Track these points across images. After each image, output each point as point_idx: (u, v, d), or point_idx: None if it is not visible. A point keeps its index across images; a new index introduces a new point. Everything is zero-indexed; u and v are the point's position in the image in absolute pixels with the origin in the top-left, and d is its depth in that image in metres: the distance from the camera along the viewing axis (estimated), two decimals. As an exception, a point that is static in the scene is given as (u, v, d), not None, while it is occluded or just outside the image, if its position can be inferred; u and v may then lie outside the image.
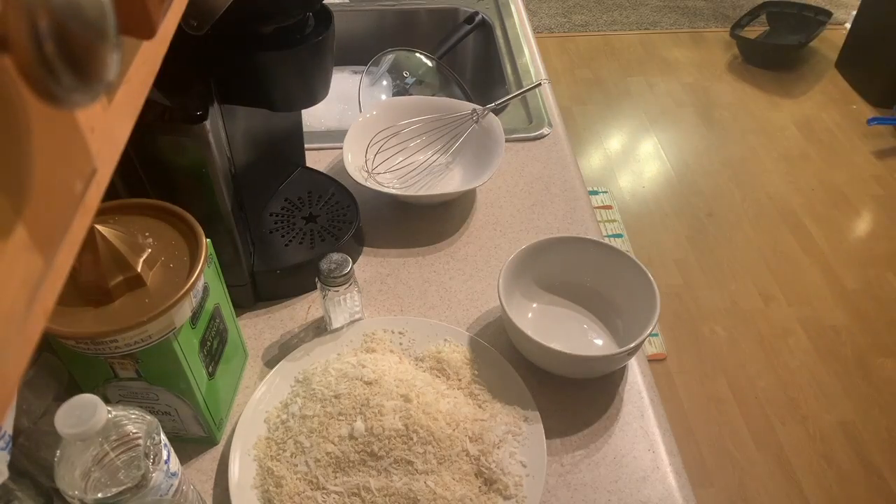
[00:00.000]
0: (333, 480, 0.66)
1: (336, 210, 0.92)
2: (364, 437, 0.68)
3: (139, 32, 0.30)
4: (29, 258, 0.24)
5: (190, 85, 0.69)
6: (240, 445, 0.71)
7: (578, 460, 0.72)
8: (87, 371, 0.63)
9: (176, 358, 0.62)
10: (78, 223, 0.28)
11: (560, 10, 3.43)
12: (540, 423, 0.72)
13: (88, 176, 0.28)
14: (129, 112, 0.33)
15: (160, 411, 0.67)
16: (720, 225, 2.34)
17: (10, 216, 0.23)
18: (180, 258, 0.63)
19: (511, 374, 0.76)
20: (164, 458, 0.54)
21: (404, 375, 0.74)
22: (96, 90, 0.21)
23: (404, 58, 1.25)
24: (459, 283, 0.89)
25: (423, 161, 1.00)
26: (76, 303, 0.58)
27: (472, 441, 0.69)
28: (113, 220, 0.64)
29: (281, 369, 0.77)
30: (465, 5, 1.38)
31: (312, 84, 0.78)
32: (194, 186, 0.73)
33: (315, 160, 1.03)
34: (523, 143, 1.09)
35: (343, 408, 0.70)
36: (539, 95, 1.17)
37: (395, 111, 1.03)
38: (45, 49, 0.19)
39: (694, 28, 3.33)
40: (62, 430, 0.48)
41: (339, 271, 0.74)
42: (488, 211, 0.99)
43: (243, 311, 0.85)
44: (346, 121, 1.17)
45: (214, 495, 0.69)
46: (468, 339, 0.80)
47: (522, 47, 1.29)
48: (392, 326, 0.82)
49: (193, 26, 0.61)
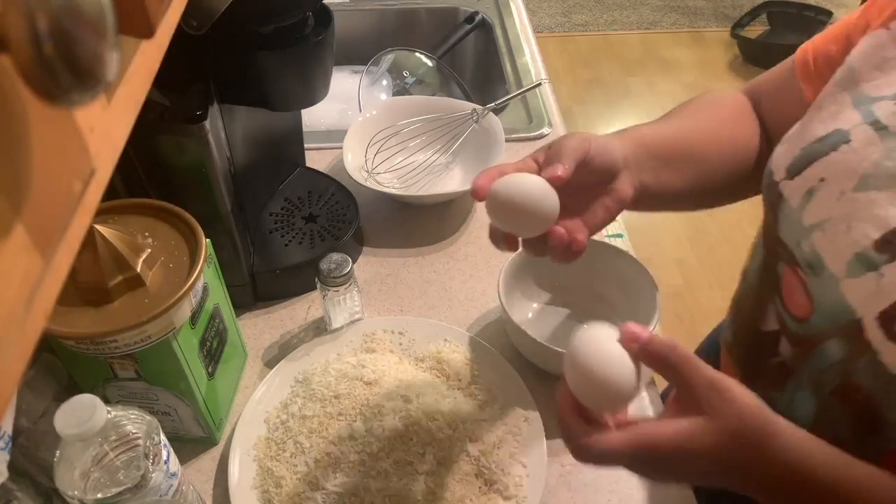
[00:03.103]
0: (333, 481, 0.66)
1: (336, 210, 0.92)
2: (364, 438, 0.68)
3: (138, 32, 0.30)
4: (28, 258, 0.24)
5: (190, 85, 0.69)
6: (239, 445, 0.71)
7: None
8: (86, 371, 0.63)
9: (175, 358, 0.62)
10: (77, 223, 0.28)
11: (560, 9, 3.43)
12: (540, 424, 0.72)
13: (88, 176, 0.28)
14: (128, 112, 0.33)
15: (160, 411, 0.67)
16: (720, 225, 2.34)
17: (8, 216, 0.23)
18: (180, 258, 0.63)
19: (511, 374, 0.76)
20: (163, 458, 0.54)
21: (404, 376, 0.74)
22: (95, 90, 0.21)
23: (404, 57, 1.25)
24: (459, 283, 0.89)
25: (423, 161, 1.00)
26: (76, 303, 0.58)
27: (472, 441, 0.69)
28: (113, 220, 0.64)
29: (281, 369, 0.77)
30: (465, 5, 1.38)
31: (312, 84, 0.78)
32: (194, 186, 0.73)
33: (315, 160, 1.03)
34: (523, 142, 1.09)
35: (343, 408, 0.70)
36: (539, 95, 1.16)
37: (395, 111, 1.03)
38: (45, 48, 0.19)
39: (694, 28, 3.33)
40: (62, 431, 0.48)
41: (339, 271, 0.74)
42: (488, 211, 0.99)
43: (243, 311, 0.85)
44: (345, 121, 1.17)
45: (214, 495, 0.69)
46: (468, 339, 0.80)
47: (522, 47, 1.29)
48: (392, 326, 0.82)
49: (193, 26, 0.61)
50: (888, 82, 0.50)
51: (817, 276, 0.51)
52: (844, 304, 0.48)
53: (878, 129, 0.49)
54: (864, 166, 0.48)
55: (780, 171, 0.55)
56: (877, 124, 0.49)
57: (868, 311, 0.47)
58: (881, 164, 0.47)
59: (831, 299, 0.50)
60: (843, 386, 0.50)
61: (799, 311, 0.54)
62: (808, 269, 0.52)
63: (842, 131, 0.51)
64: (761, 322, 0.59)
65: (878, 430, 0.48)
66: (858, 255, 0.48)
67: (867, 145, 0.49)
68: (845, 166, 0.50)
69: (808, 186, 0.52)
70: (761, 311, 0.59)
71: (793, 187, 0.54)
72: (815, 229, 0.51)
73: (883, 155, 0.47)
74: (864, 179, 0.48)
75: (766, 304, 0.58)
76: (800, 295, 0.53)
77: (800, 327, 0.54)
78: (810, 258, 0.51)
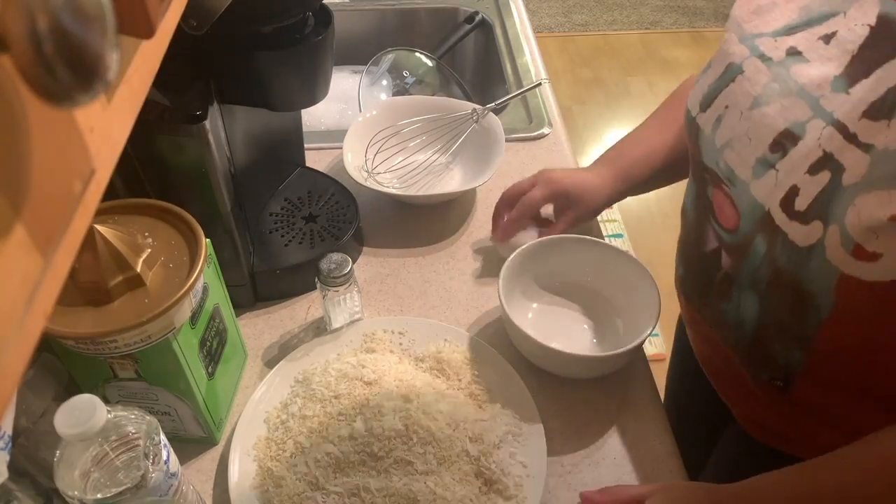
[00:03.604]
0: (333, 481, 0.66)
1: (336, 210, 0.92)
2: (364, 438, 0.68)
3: (138, 32, 0.29)
4: (28, 258, 0.24)
5: (190, 85, 0.69)
6: (239, 446, 0.71)
7: (579, 461, 0.72)
8: (86, 371, 0.63)
9: (175, 358, 0.62)
10: (77, 223, 0.28)
11: (560, 9, 3.42)
12: (540, 424, 0.72)
13: (87, 176, 0.28)
14: (128, 112, 0.33)
15: (160, 411, 0.67)
16: (720, 225, 2.34)
17: (8, 216, 0.23)
18: (180, 258, 0.63)
19: (511, 374, 0.76)
20: (163, 458, 0.54)
21: (404, 376, 0.74)
22: (95, 90, 0.21)
23: (404, 57, 1.25)
24: (459, 283, 0.89)
25: (423, 161, 1.00)
26: (76, 303, 0.58)
27: (473, 441, 0.69)
28: (113, 220, 0.64)
29: (281, 369, 0.77)
30: (465, 5, 1.38)
31: (312, 84, 0.78)
32: (194, 186, 0.73)
33: (315, 160, 1.02)
34: (523, 142, 1.09)
35: (343, 408, 0.70)
36: (539, 95, 1.16)
37: (395, 111, 1.03)
38: (45, 48, 0.19)
39: (694, 28, 3.33)
40: (62, 431, 0.48)
41: (339, 271, 0.74)
42: (488, 211, 0.98)
43: (243, 311, 0.85)
44: (345, 121, 1.17)
45: (214, 495, 0.69)
46: (468, 339, 0.80)
47: (522, 47, 1.29)
48: (392, 326, 0.82)
49: (193, 26, 0.61)
50: (764, 22, 0.61)
51: (734, 186, 0.62)
52: (755, 202, 0.59)
53: (764, 61, 0.60)
54: (756, 90, 0.59)
55: (695, 108, 0.67)
56: (763, 56, 0.60)
57: (772, 202, 0.57)
58: (769, 86, 0.58)
59: (748, 202, 0.60)
60: (773, 276, 0.60)
61: (729, 223, 0.64)
62: (728, 182, 0.62)
63: (735, 64, 0.62)
64: (703, 245, 0.70)
65: (807, 305, 0.58)
66: (759, 159, 0.59)
67: (757, 73, 0.60)
68: (742, 92, 0.61)
69: (716, 115, 0.63)
70: (702, 235, 0.70)
71: (705, 118, 0.65)
72: (726, 147, 0.62)
73: (770, 79, 0.58)
74: (757, 100, 0.59)
75: (704, 227, 0.69)
76: (728, 208, 0.63)
77: (733, 237, 0.64)
78: (726, 172, 0.62)
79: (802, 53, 0.57)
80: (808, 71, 0.56)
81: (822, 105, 0.54)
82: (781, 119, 0.57)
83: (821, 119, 0.54)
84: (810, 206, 0.54)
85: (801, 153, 0.55)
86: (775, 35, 0.60)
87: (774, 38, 0.60)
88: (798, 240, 0.55)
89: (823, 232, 0.53)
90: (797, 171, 0.55)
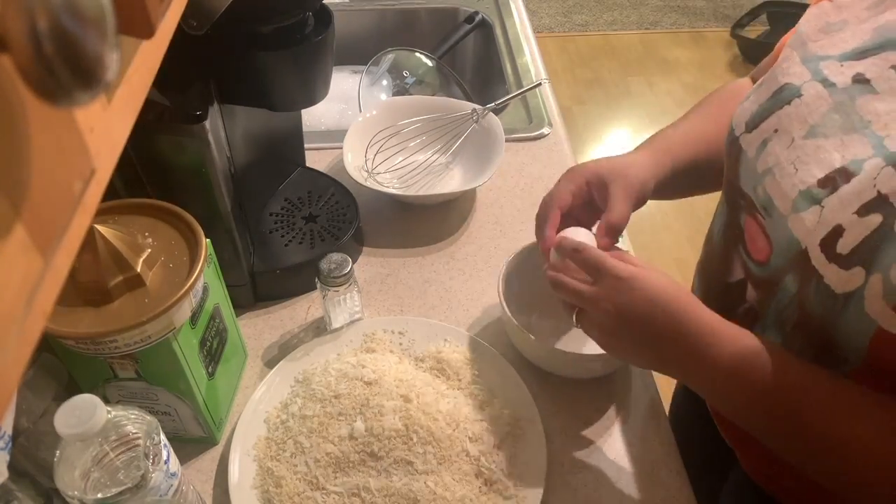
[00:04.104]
0: (333, 480, 0.66)
1: (336, 210, 0.92)
2: (364, 438, 0.68)
3: (138, 32, 0.30)
4: (28, 258, 0.24)
5: (190, 85, 0.69)
6: (239, 445, 0.71)
7: (579, 460, 0.72)
8: (86, 371, 0.63)
9: (175, 358, 0.62)
10: (77, 223, 0.28)
11: (560, 9, 3.43)
12: (540, 423, 0.72)
13: (87, 176, 0.28)
14: (128, 112, 0.33)
15: (160, 411, 0.67)
16: (720, 225, 2.34)
17: (8, 216, 0.23)
18: (180, 258, 0.63)
19: (511, 374, 0.76)
20: (163, 458, 0.54)
21: (404, 375, 0.74)
22: (96, 90, 0.21)
23: (404, 57, 1.25)
24: (459, 283, 0.89)
25: (423, 161, 1.00)
26: (76, 303, 0.58)
27: (472, 441, 0.69)
28: (113, 220, 0.64)
29: (281, 369, 0.77)
30: (465, 5, 1.38)
31: (312, 84, 0.78)
32: (194, 186, 0.73)
33: (315, 160, 1.03)
34: (523, 142, 1.09)
35: (343, 408, 0.70)
36: (539, 95, 1.16)
37: (395, 111, 1.03)
38: (45, 48, 0.19)
39: (694, 28, 3.33)
40: (62, 431, 0.48)
41: (339, 271, 0.74)
42: (488, 211, 0.99)
43: (243, 311, 0.85)
44: (345, 121, 1.17)
45: (214, 495, 0.69)
46: (468, 339, 0.80)
47: (522, 47, 1.29)
48: (392, 326, 0.82)
49: (193, 26, 0.61)
50: (832, 43, 0.56)
51: (770, 216, 0.57)
52: (792, 237, 0.55)
53: (827, 86, 0.55)
54: (813, 118, 0.55)
55: (740, 127, 0.62)
56: (826, 81, 0.55)
57: (812, 240, 0.52)
58: (829, 115, 0.54)
59: (783, 236, 0.56)
60: (800, 318, 0.56)
61: (760, 255, 0.60)
62: (764, 211, 0.58)
63: (793, 86, 0.57)
64: (728, 275, 0.66)
65: (834, 354, 0.53)
66: (802, 192, 0.54)
67: (817, 99, 0.55)
68: (797, 117, 0.56)
69: (763, 137, 0.59)
70: (727, 265, 0.66)
71: (750, 140, 0.60)
72: (767, 174, 0.58)
73: (831, 108, 0.54)
74: (813, 129, 0.54)
75: (731, 256, 0.65)
76: (760, 239, 0.59)
77: (762, 270, 0.60)
78: (764, 201, 0.58)
79: (871, 82, 0.52)
80: (874, 105, 0.51)
81: (885, 144, 0.49)
82: (839, 155, 0.52)
83: (881, 158, 0.49)
84: (854, 250, 0.49)
85: (852, 191, 0.50)
86: (842, 59, 0.55)
87: (841, 63, 0.54)
88: (835, 285, 0.50)
89: (865, 280, 0.48)
90: (845, 209, 0.50)
